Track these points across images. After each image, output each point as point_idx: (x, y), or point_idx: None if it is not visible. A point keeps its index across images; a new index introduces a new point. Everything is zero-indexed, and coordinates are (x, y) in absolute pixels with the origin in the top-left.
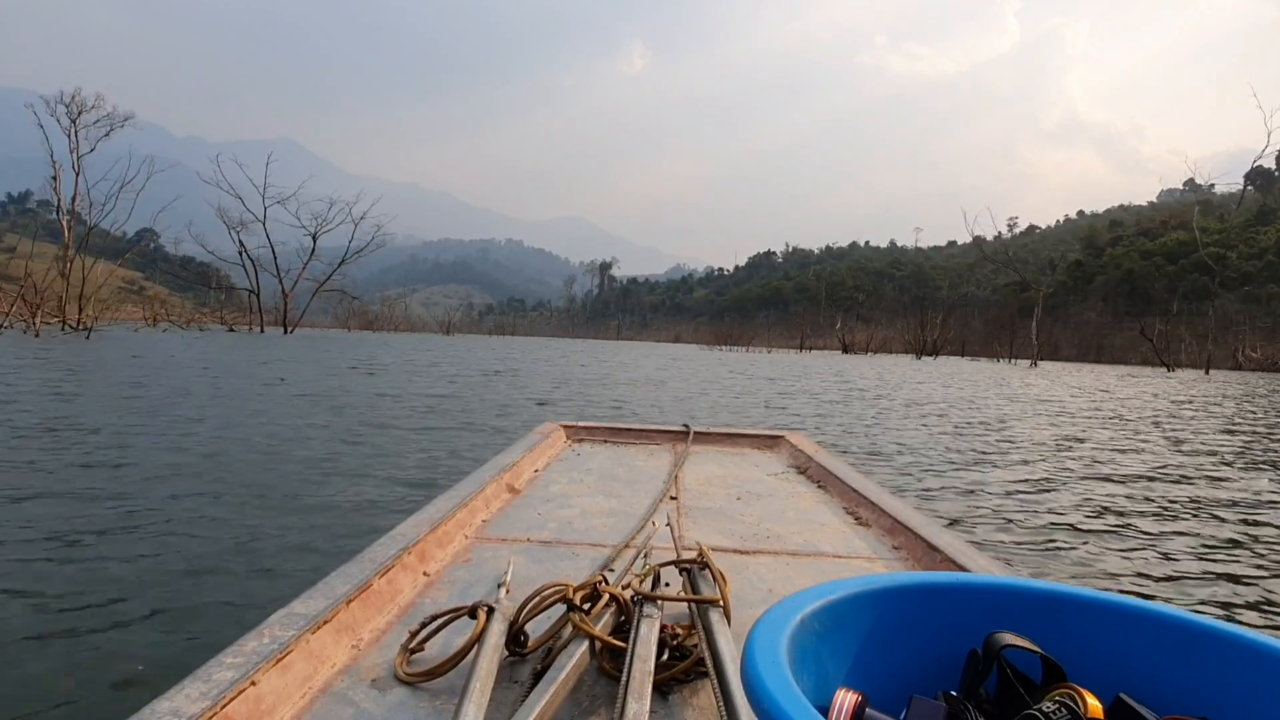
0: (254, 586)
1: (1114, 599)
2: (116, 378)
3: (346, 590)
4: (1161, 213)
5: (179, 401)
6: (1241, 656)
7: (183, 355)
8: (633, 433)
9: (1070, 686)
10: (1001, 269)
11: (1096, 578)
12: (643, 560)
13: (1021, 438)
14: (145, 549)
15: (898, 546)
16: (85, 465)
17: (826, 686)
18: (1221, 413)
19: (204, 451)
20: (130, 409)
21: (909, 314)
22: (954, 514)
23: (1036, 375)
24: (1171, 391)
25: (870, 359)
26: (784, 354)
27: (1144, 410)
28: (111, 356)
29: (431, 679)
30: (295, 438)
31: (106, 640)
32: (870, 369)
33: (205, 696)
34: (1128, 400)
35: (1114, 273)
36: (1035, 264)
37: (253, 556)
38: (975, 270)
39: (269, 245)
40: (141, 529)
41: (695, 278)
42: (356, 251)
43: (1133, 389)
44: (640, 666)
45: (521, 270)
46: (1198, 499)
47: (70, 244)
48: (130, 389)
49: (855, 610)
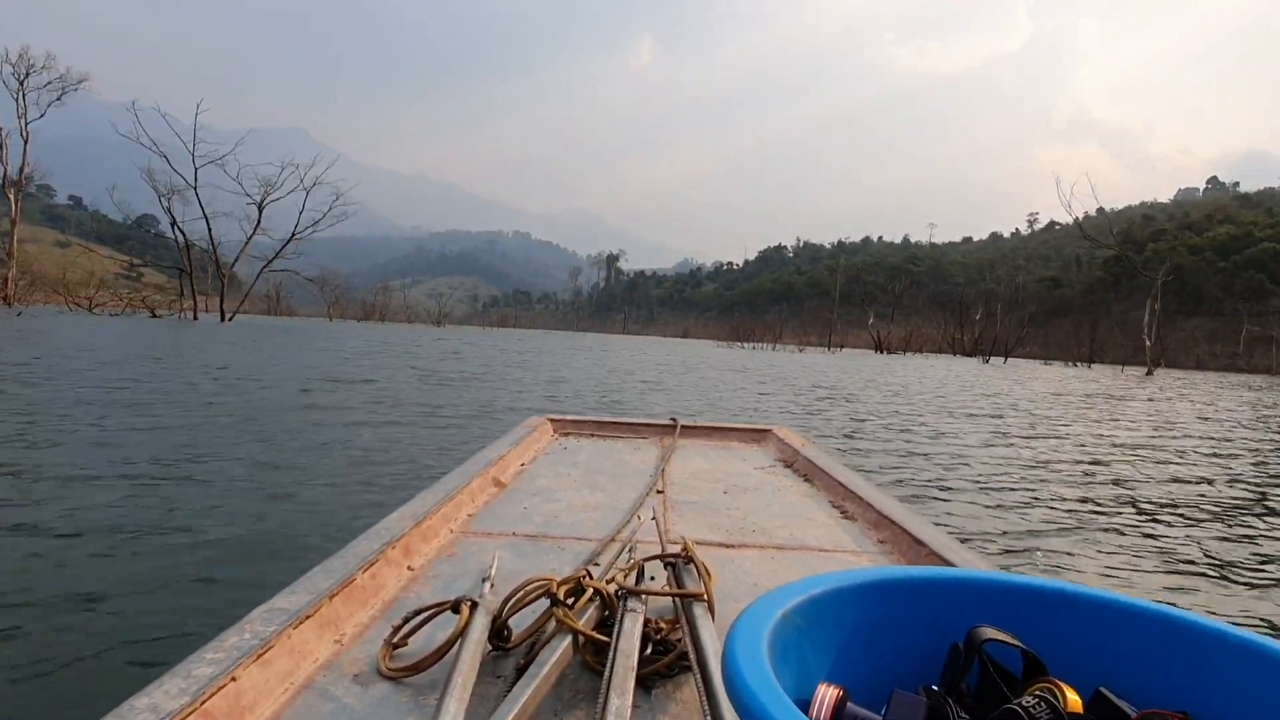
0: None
1: (1096, 593)
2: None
3: (329, 585)
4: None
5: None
6: (1222, 650)
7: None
8: (620, 426)
9: (1050, 681)
10: (1026, 263)
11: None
12: (627, 554)
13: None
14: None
15: (883, 540)
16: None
17: (808, 681)
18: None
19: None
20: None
21: (944, 310)
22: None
23: (1188, 392)
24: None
25: (912, 360)
26: (815, 354)
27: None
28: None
29: (414, 674)
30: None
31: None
32: (949, 379)
33: (185, 692)
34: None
35: (1160, 268)
36: (1058, 261)
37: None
38: (996, 266)
39: (203, 215)
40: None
41: (704, 272)
42: (312, 224)
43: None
44: (623, 661)
45: (528, 263)
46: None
47: (18, 218)
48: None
49: (837, 604)
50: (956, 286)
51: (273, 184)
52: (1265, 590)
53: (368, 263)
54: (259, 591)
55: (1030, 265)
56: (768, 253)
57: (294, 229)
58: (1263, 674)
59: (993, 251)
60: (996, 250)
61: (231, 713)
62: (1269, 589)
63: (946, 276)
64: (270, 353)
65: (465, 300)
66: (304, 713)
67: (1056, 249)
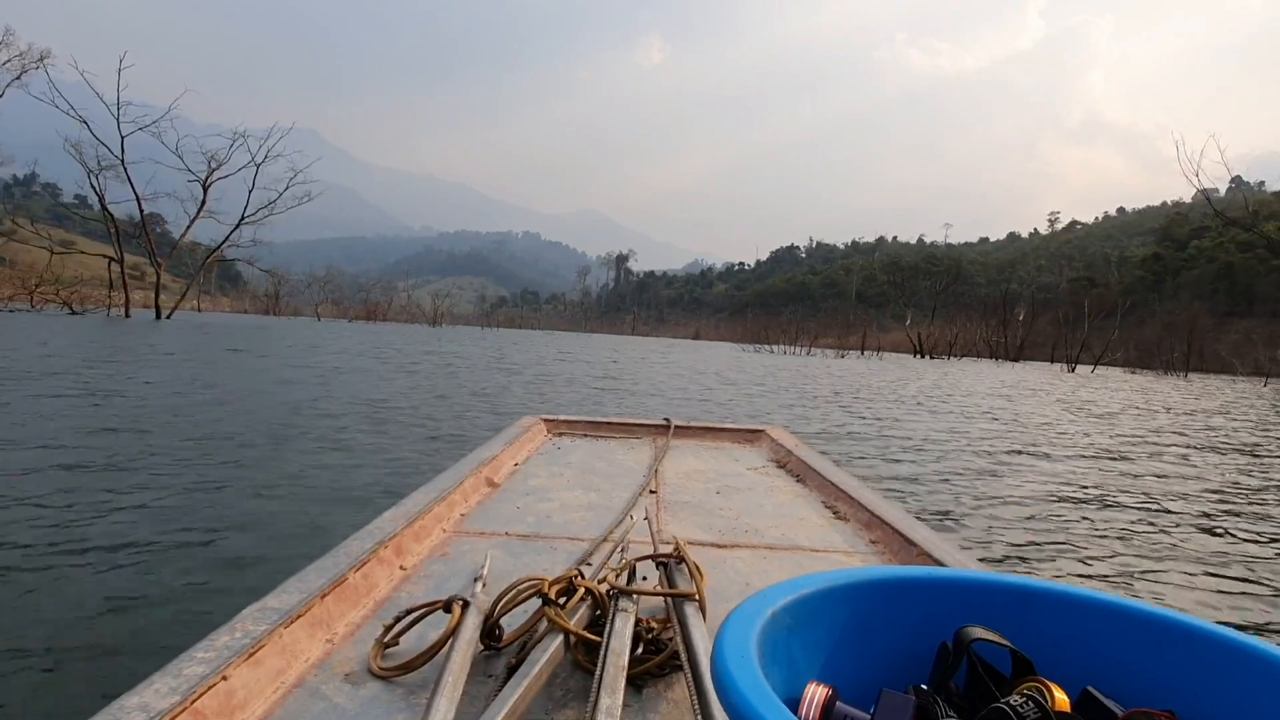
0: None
1: (1084, 593)
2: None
3: (321, 584)
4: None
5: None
6: (1209, 650)
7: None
8: (613, 426)
9: (1038, 680)
10: (1049, 263)
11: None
12: (620, 554)
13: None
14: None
15: (874, 540)
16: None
17: (797, 680)
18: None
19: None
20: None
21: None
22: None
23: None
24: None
25: (964, 367)
26: (855, 360)
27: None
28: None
29: (405, 673)
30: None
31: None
32: (1084, 401)
33: (175, 691)
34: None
35: (1207, 266)
36: (1082, 260)
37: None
38: (1017, 266)
39: (134, 195)
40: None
41: (714, 272)
42: (267, 205)
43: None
44: (614, 660)
45: (537, 263)
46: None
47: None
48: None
49: (827, 604)
50: (978, 286)
51: (218, 158)
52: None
53: (377, 263)
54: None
55: (1053, 265)
56: (780, 253)
57: (243, 211)
58: (1249, 673)
59: (1012, 251)
60: (1016, 250)
61: (222, 712)
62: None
63: (968, 277)
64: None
65: (473, 300)
66: (295, 712)
67: (1080, 248)
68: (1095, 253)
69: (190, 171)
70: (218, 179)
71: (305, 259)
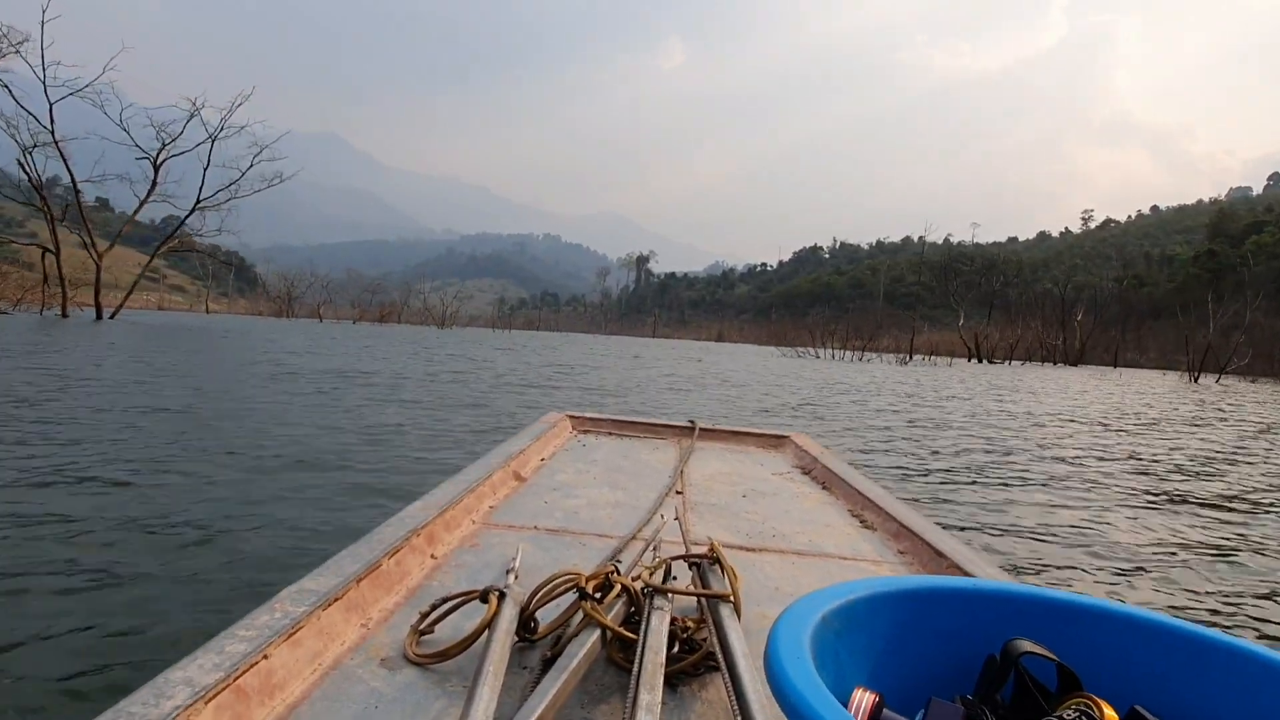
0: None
1: (1129, 610)
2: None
3: (356, 569)
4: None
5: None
6: (1254, 672)
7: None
8: (638, 426)
9: (1087, 696)
10: (1084, 262)
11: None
12: (652, 553)
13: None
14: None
15: (903, 551)
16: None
17: (844, 684)
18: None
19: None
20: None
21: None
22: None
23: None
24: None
25: (1031, 373)
26: (924, 366)
27: None
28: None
29: (442, 660)
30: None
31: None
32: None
33: (219, 668)
34: None
35: (1273, 263)
36: (1120, 259)
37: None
38: (1051, 265)
39: (68, 171)
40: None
41: (737, 273)
42: (227, 186)
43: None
44: (652, 658)
45: (558, 265)
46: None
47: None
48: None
49: (873, 611)
50: (1031, 285)
51: (170, 133)
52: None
53: (399, 265)
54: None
55: (1089, 265)
56: (803, 253)
57: (198, 194)
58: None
59: (1044, 250)
60: (1048, 249)
61: (263, 690)
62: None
63: (1000, 277)
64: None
65: (492, 302)
66: (333, 694)
67: (1117, 247)
68: (1134, 251)
69: (139, 148)
70: (169, 156)
71: (327, 262)
